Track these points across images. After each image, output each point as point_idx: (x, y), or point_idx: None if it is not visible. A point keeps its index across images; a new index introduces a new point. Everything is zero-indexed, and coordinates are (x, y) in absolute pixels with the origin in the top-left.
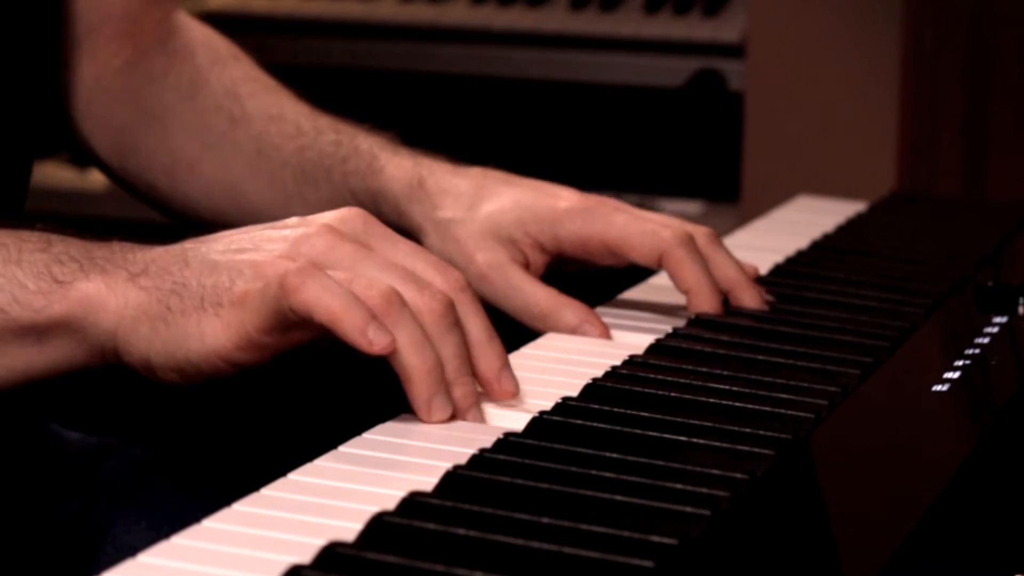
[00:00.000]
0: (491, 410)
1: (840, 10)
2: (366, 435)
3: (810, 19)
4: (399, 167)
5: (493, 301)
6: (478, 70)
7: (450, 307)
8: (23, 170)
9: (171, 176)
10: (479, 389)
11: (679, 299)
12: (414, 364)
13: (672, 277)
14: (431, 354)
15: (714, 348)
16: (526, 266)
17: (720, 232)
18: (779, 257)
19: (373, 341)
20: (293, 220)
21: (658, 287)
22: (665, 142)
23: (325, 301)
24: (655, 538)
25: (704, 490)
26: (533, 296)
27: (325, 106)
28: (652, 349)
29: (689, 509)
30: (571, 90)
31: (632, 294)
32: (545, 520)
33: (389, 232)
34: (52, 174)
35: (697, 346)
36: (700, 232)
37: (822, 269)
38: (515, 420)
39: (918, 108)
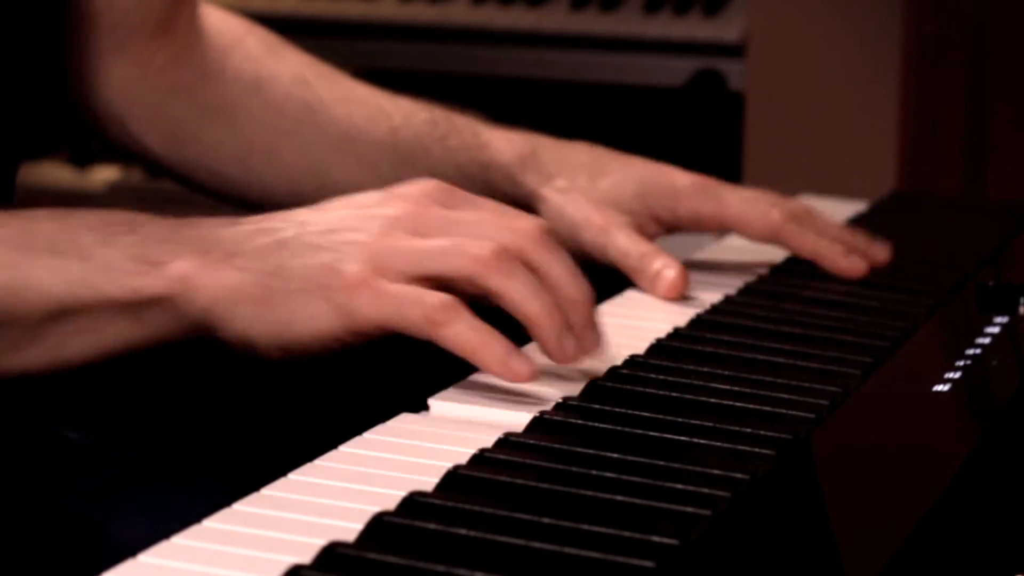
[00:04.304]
0: (492, 409)
1: (840, 10)
2: (366, 435)
3: (810, 19)
4: (506, 139)
5: (602, 254)
6: (478, 70)
7: (545, 236)
8: (9, 171)
9: (244, 165)
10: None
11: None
12: (535, 311)
13: (793, 250)
14: (547, 297)
15: (714, 348)
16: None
17: (720, 233)
18: (779, 257)
19: (515, 371)
20: (373, 196)
21: None
22: (665, 142)
23: (466, 337)
24: (656, 538)
25: (705, 490)
26: (635, 247)
27: None
28: (652, 349)
29: (690, 509)
30: (571, 90)
31: (636, 291)
32: (545, 520)
33: (466, 194)
34: (52, 174)
35: (697, 346)
36: (798, 205)
37: (822, 269)
38: (515, 419)
39: (918, 108)
